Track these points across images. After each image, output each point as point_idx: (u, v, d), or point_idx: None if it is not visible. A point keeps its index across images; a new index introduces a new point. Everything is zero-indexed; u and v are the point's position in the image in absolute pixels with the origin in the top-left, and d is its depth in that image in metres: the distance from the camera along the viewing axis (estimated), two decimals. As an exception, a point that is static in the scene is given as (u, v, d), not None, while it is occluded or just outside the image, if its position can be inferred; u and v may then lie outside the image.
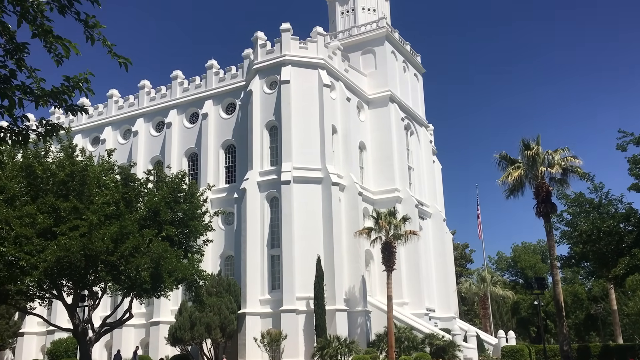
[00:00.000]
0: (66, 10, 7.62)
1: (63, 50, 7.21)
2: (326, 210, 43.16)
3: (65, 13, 7.63)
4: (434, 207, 56.21)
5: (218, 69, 51.61)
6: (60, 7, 7.60)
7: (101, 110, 57.34)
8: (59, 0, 7.57)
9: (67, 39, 7.15)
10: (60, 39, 7.19)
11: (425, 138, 58.31)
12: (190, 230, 28.81)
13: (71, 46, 7.23)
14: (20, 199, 24.36)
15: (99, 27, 7.81)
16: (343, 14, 59.34)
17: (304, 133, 44.64)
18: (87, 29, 7.74)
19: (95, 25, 7.77)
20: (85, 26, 7.72)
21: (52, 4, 7.57)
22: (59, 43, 7.17)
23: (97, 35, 7.80)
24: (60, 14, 7.64)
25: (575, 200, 29.01)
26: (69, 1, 7.60)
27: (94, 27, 7.77)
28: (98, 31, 7.80)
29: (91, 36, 7.77)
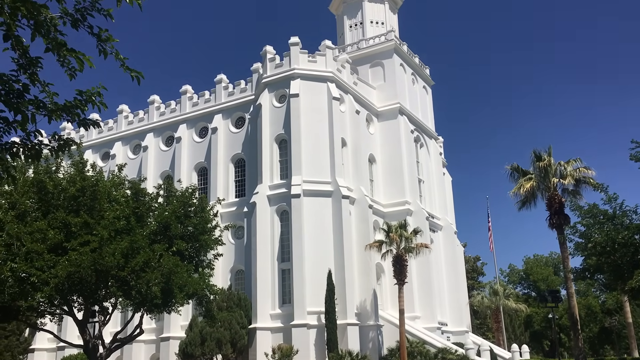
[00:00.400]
0: (79, 24, 7.59)
1: (77, 63, 7.16)
2: (336, 224, 42.95)
3: (78, 27, 7.61)
4: (444, 219, 55.85)
5: (227, 84, 51.80)
6: (73, 21, 7.57)
7: (111, 125, 57.65)
8: (72, 15, 7.55)
9: (81, 51, 7.08)
10: (74, 52, 7.14)
11: (435, 150, 58.11)
12: (201, 245, 28.72)
13: (85, 59, 7.17)
14: (31, 215, 24.39)
15: (112, 41, 7.77)
16: (351, 27, 59.51)
17: (313, 146, 44.59)
18: (100, 43, 7.70)
19: (108, 39, 7.74)
20: (98, 40, 7.68)
21: (65, 18, 7.54)
22: (73, 56, 7.12)
23: (109, 49, 7.77)
24: (73, 27, 7.61)
25: (589, 212, 28.67)
26: (82, 15, 7.57)
27: (107, 40, 7.74)
28: (111, 45, 7.76)
29: (104, 50, 7.73)
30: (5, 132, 7.69)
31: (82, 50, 7.68)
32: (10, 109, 7.05)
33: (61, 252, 23.21)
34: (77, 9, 7.54)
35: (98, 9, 7.61)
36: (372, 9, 59.35)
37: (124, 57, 7.88)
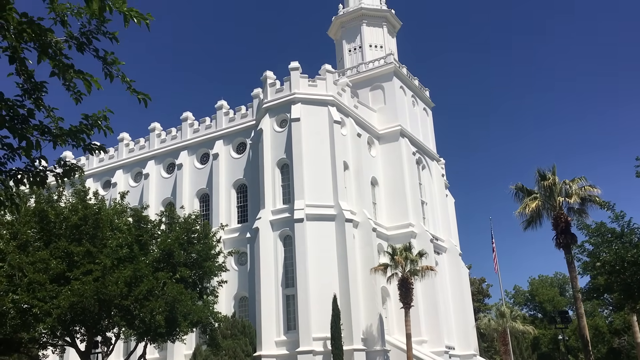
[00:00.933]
0: (85, 47, 7.45)
1: (84, 85, 6.98)
2: (340, 248, 42.57)
3: (83, 50, 7.46)
4: (449, 241, 55.43)
5: (228, 109, 51.88)
6: (78, 45, 7.42)
7: (112, 153, 57.61)
8: (77, 38, 7.40)
9: (88, 73, 6.92)
10: (81, 74, 6.97)
11: (437, 172, 57.94)
12: (205, 272, 28.44)
13: (93, 80, 7.00)
14: (33, 245, 24.13)
15: (118, 64, 7.62)
16: (350, 51, 59.83)
17: (315, 170, 44.43)
18: (105, 66, 7.54)
19: (114, 61, 7.58)
20: (104, 63, 7.53)
21: (71, 41, 7.40)
22: (80, 78, 6.95)
23: (115, 72, 7.61)
24: (78, 51, 7.47)
25: (597, 230, 28.28)
26: (88, 38, 7.43)
27: (113, 63, 7.58)
28: (117, 67, 7.61)
29: (110, 73, 7.57)
30: (9, 158, 7.49)
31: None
32: (14, 135, 6.86)
33: (63, 282, 22.92)
34: (83, 33, 7.40)
35: (104, 32, 7.47)
36: (370, 33, 59.74)
37: (130, 79, 7.71)
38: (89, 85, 6.97)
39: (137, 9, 7.17)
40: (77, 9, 7.31)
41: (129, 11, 6.48)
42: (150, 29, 6.81)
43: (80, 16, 7.32)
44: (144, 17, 6.58)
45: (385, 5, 61.93)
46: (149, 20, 6.62)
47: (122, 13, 6.49)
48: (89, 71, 7.56)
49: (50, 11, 7.20)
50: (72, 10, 7.31)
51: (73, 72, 6.92)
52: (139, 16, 6.54)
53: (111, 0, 6.41)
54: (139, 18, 6.55)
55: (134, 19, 6.53)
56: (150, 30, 6.85)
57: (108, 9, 6.43)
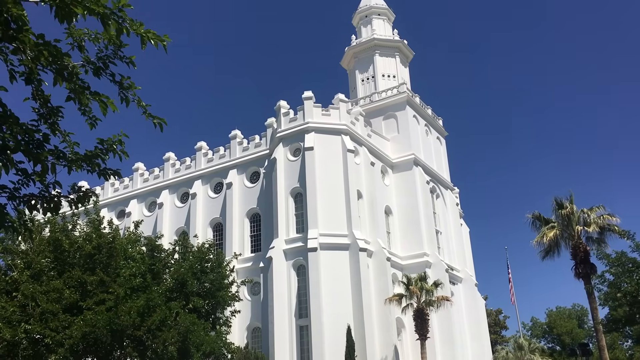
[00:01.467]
0: (101, 72, 7.40)
1: (100, 107, 6.90)
2: (354, 277, 42.07)
3: (100, 75, 7.41)
4: (464, 271, 54.67)
5: (242, 139, 52.11)
6: (95, 69, 7.37)
7: (127, 183, 57.93)
8: (94, 63, 7.36)
9: (105, 94, 6.84)
10: (97, 95, 6.89)
11: (452, 201, 57.50)
12: (218, 301, 28.09)
13: (109, 102, 6.92)
14: (47, 274, 24.01)
15: (134, 88, 7.55)
16: (363, 81, 60.16)
17: (329, 199, 44.24)
18: (122, 91, 7.48)
19: (130, 86, 7.52)
20: (120, 88, 7.47)
21: (87, 66, 7.36)
22: (96, 99, 6.87)
23: (132, 97, 7.55)
24: (95, 76, 7.41)
25: (617, 260, 27.78)
26: (104, 63, 7.39)
27: (129, 88, 7.52)
28: (133, 92, 7.54)
29: (126, 97, 7.51)
30: (23, 184, 7.39)
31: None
32: (29, 159, 6.77)
33: (76, 312, 22.69)
34: (100, 57, 7.36)
35: (120, 56, 7.42)
36: (383, 63, 60.12)
37: (146, 104, 7.64)
38: (105, 108, 6.89)
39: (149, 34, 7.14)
40: (94, 35, 7.30)
41: (146, 33, 6.42)
42: (167, 51, 6.74)
43: (97, 41, 7.30)
44: (161, 39, 6.52)
45: (398, 36, 62.43)
46: (166, 42, 6.55)
47: (140, 35, 6.43)
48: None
49: (67, 36, 7.18)
50: (89, 36, 7.29)
51: (89, 94, 6.85)
52: (156, 38, 6.48)
53: (128, 23, 6.36)
54: (156, 40, 6.49)
55: (151, 41, 6.47)
56: (167, 52, 6.78)
57: (125, 31, 6.38)
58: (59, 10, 5.72)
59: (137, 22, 6.40)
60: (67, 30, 7.13)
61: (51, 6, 5.72)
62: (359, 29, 64.29)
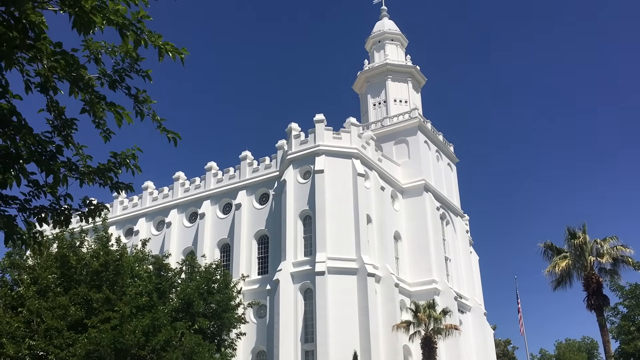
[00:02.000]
0: (117, 85, 7.32)
1: (115, 118, 6.79)
2: (362, 303, 41.55)
3: (115, 88, 7.33)
4: (473, 300, 53.94)
5: (252, 160, 52.11)
6: (111, 82, 7.30)
7: (136, 202, 57.95)
8: (110, 75, 7.29)
9: (120, 105, 6.74)
10: (113, 106, 6.80)
11: (462, 228, 57.03)
12: (223, 323, 27.81)
13: (124, 114, 6.81)
14: (53, 290, 23.88)
15: (150, 102, 7.47)
16: (375, 105, 60.26)
17: (338, 223, 43.95)
18: (137, 104, 7.40)
19: (145, 100, 7.43)
20: (135, 101, 7.38)
21: (103, 79, 7.28)
22: (112, 110, 6.77)
23: (147, 110, 7.45)
24: (110, 88, 7.34)
25: (632, 292, 27.25)
26: (120, 76, 7.31)
27: (145, 102, 7.43)
28: (148, 106, 7.45)
29: (141, 111, 7.42)
30: (34, 195, 7.28)
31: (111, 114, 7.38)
32: (42, 170, 6.65)
33: (81, 329, 22.48)
34: (116, 70, 7.29)
35: (137, 70, 7.35)
36: (395, 88, 60.26)
37: (160, 118, 7.54)
38: (120, 119, 6.78)
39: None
40: (111, 48, 7.24)
41: (164, 45, 6.34)
42: (184, 64, 6.65)
43: (114, 54, 7.24)
44: (179, 52, 6.43)
45: (410, 62, 62.65)
46: (184, 55, 6.46)
47: (157, 47, 6.34)
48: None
49: (84, 49, 7.12)
50: (106, 49, 7.23)
51: (105, 105, 6.75)
52: (174, 50, 6.39)
53: (147, 35, 6.28)
54: (174, 52, 6.41)
55: (169, 54, 6.38)
56: (184, 65, 6.69)
57: (143, 42, 6.29)
58: (78, 19, 5.64)
59: (155, 33, 6.32)
60: (84, 42, 7.08)
61: (70, 14, 5.64)
62: (372, 54, 64.62)
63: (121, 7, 5.92)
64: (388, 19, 66.67)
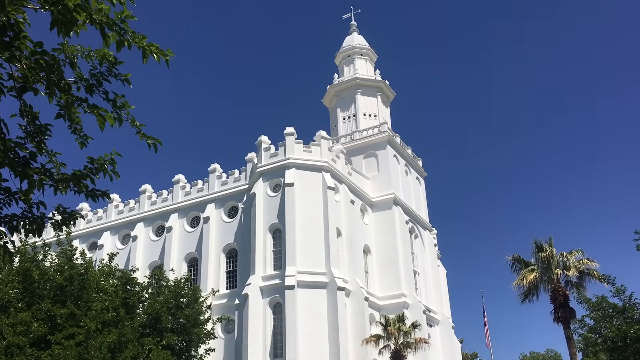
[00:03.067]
0: (94, 89, 7.07)
1: (98, 121, 6.53)
2: (332, 317, 41.29)
3: (93, 92, 7.08)
4: (441, 313, 54.19)
5: (221, 173, 51.56)
6: (88, 87, 7.05)
7: (100, 215, 56.66)
8: (87, 80, 7.04)
9: (103, 108, 6.49)
10: (96, 108, 6.54)
11: (430, 242, 57.39)
12: (192, 338, 27.23)
13: (107, 116, 6.55)
14: (15, 305, 23.02)
15: (128, 107, 7.23)
16: (345, 119, 60.48)
17: (308, 236, 43.72)
18: (115, 109, 7.15)
19: (124, 105, 7.20)
20: (113, 106, 7.14)
21: (80, 83, 7.03)
22: (94, 113, 6.50)
23: (125, 116, 7.22)
24: (87, 93, 7.08)
25: (598, 305, 27.57)
26: (98, 80, 7.07)
27: (123, 107, 7.20)
28: (127, 111, 7.22)
29: (119, 116, 7.17)
30: (5, 203, 6.94)
31: (91, 119, 7.13)
32: (16, 175, 6.34)
33: (44, 346, 21.70)
34: (93, 74, 7.05)
35: (115, 74, 7.11)
36: (365, 102, 60.63)
37: (140, 123, 7.30)
38: (103, 122, 6.52)
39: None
40: (87, 52, 7.00)
41: (148, 46, 6.13)
42: (169, 66, 6.44)
43: (90, 59, 7.00)
44: (164, 54, 6.23)
45: (380, 77, 63.20)
46: (169, 56, 6.26)
47: (141, 48, 6.13)
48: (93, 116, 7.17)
49: (60, 52, 6.87)
50: (82, 53, 6.99)
51: (87, 107, 6.49)
52: (158, 52, 6.18)
53: (130, 35, 6.06)
54: (158, 54, 6.20)
55: (154, 55, 6.17)
56: (169, 67, 6.48)
57: (127, 43, 6.07)
58: (60, 17, 5.39)
59: (139, 34, 6.11)
60: (59, 45, 6.81)
61: (52, 12, 5.39)
62: (342, 68, 65.00)
63: (104, 6, 5.70)
64: (357, 34, 67.23)
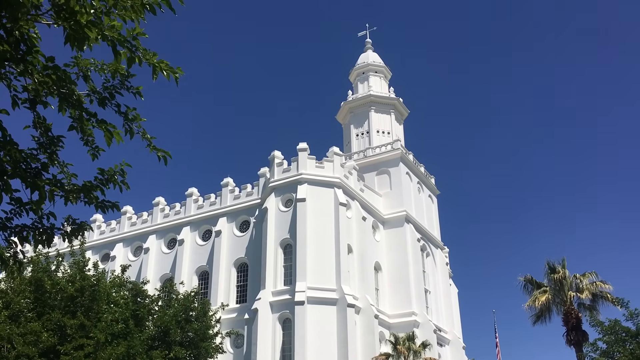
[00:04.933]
0: (107, 102, 7.19)
1: (105, 137, 6.63)
2: (341, 334, 41.04)
3: (105, 105, 7.20)
4: (452, 333, 53.66)
5: (234, 187, 51.77)
6: (100, 100, 7.17)
7: (113, 226, 57.05)
8: (99, 92, 7.16)
9: (112, 124, 6.58)
10: (104, 124, 6.64)
11: (442, 260, 57.01)
12: (200, 352, 27.18)
13: (114, 133, 6.65)
14: (25, 315, 23.19)
15: (139, 120, 7.34)
16: (358, 135, 60.60)
17: (319, 252, 43.64)
18: (126, 122, 7.27)
19: (135, 118, 7.31)
20: (125, 119, 7.26)
21: (93, 96, 7.15)
22: (102, 128, 6.61)
23: (136, 129, 7.33)
24: (100, 106, 7.20)
25: (611, 328, 27.25)
26: (110, 93, 7.19)
27: (134, 120, 7.31)
28: (138, 124, 7.33)
29: (130, 129, 7.29)
30: (16, 214, 7.04)
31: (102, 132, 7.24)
32: (27, 186, 6.44)
33: (53, 357, 21.81)
34: (106, 87, 7.17)
35: (127, 87, 7.23)
36: (378, 119, 60.76)
37: (151, 136, 7.40)
38: (110, 138, 6.62)
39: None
40: (100, 65, 7.13)
41: (159, 63, 6.23)
42: (178, 84, 6.54)
43: (103, 72, 7.13)
44: (174, 71, 6.33)
45: (394, 94, 63.35)
46: (179, 74, 6.36)
47: (152, 65, 6.24)
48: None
49: (73, 66, 7.00)
50: (95, 66, 7.12)
51: (95, 122, 6.59)
52: (168, 69, 6.29)
53: (141, 52, 6.17)
54: (168, 71, 6.30)
55: (163, 72, 6.28)
56: (178, 85, 6.58)
57: (138, 60, 6.18)
58: (72, 33, 5.51)
59: (150, 51, 6.22)
60: (73, 58, 6.95)
61: (65, 28, 5.52)
62: (356, 85, 65.29)
63: (117, 23, 5.82)
64: (372, 52, 67.57)
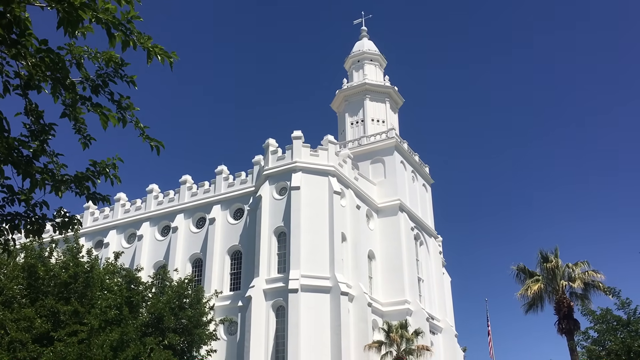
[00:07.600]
0: (100, 90, 7.12)
1: (101, 120, 6.57)
2: (334, 322, 41.23)
3: (98, 93, 7.13)
4: (444, 321, 53.99)
5: (228, 175, 51.68)
6: (93, 87, 7.09)
7: (107, 213, 56.90)
8: (93, 80, 7.08)
9: (107, 107, 6.52)
10: (99, 107, 6.57)
11: (435, 249, 57.23)
12: (194, 339, 27.25)
13: (110, 116, 6.59)
14: (19, 301, 23.16)
15: (133, 109, 7.27)
16: (353, 124, 60.49)
17: (313, 240, 43.71)
18: (119, 110, 7.19)
19: (128, 106, 7.24)
20: (118, 107, 7.18)
21: (86, 83, 7.08)
22: (97, 112, 6.54)
23: (129, 117, 7.26)
24: (93, 93, 7.13)
25: (602, 317, 27.48)
26: (104, 81, 7.11)
27: (127, 108, 7.24)
28: (131, 113, 7.26)
29: (123, 118, 7.22)
30: (8, 202, 6.99)
31: (94, 120, 7.18)
32: (19, 173, 6.38)
33: (46, 343, 21.82)
34: (99, 75, 7.10)
35: (121, 75, 7.16)
36: (373, 107, 60.63)
37: (144, 125, 7.33)
38: (106, 121, 6.56)
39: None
40: (94, 53, 7.05)
41: (153, 47, 6.16)
42: (172, 69, 6.47)
43: (97, 60, 7.05)
44: (168, 56, 6.26)
45: (389, 82, 63.18)
46: (173, 59, 6.29)
47: (146, 49, 6.16)
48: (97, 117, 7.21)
49: (66, 53, 6.92)
50: (89, 54, 7.04)
51: (90, 106, 6.52)
52: (163, 54, 6.21)
53: (136, 36, 6.09)
54: (162, 56, 6.23)
55: (158, 57, 6.20)
56: (172, 69, 6.51)
57: (132, 44, 6.10)
58: (66, 15, 5.42)
59: (144, 35, 6.14)
60: (67, 45, 6.86)
61: (58, 11, 5.43)
62: (351, 73, 65.08)
63: (111, 5, 5.73)
64: (368, 40, 67.29)
